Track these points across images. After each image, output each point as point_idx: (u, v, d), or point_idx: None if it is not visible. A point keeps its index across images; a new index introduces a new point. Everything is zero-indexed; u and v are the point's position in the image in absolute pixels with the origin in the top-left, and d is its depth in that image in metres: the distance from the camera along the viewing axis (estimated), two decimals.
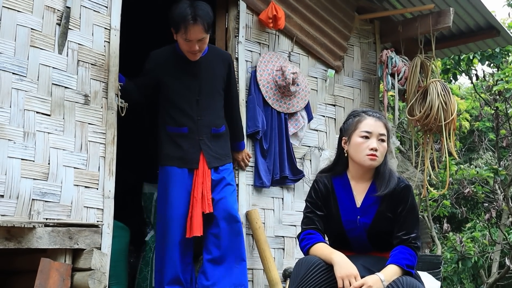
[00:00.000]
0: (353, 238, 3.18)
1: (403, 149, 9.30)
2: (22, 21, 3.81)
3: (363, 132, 3.18)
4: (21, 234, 3.50)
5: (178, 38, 4.28)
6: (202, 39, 4.26)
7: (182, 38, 4.22)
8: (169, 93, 4.40)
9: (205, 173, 4.34)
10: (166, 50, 4.48)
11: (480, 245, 10.14)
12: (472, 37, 6.45)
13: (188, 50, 4.29)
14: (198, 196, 4.28)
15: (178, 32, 4.23)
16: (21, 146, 3.73)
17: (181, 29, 4.17)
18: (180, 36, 4.23)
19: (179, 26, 4.18)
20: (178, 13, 4.18)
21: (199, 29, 4.18)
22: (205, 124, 4.41)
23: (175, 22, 4.22)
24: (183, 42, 4.25)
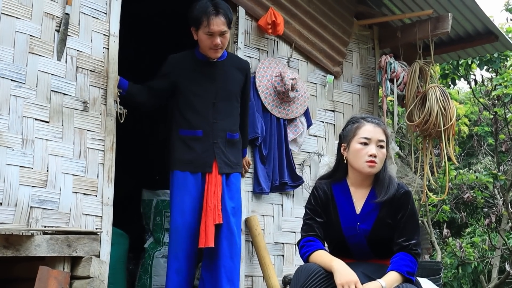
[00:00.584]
0: (353, 245, 3.17)
1: (403, 154, 9.30)
2: (21, 28, 3.80)
3: (362, 138, 3.17)
4: (19, 242, 3.48)
5: (199, 35, 4.24)
6: (224, 34, 4.22)
7: (204, 32, 4.18)
8: (186, 95, 4.33)
9: (217, 180, 4.25)
10: (184, 54, 4.44)
11: (480, 250, 10.12)
12: (470, 42, 6.45)
13: (210, 46, 4.23)
14: (211, 205, 4.18)
15: (199, 27, 4.20)
16: (20, 153, 3.71)
17: (203, 21, 4.16)
18: (202, 30, 4.19)
19: (201, 19, 4.16)
20: (199, 8, 4.18)
21: (221, 21, 4.17)
22: (220, 128, 4.33)
23: (196, 17, 4.19)
24: (205, 38, 4.21)
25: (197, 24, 4.20)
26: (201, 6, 4.17)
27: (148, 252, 5.31)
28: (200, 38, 4.24)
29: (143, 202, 5.51)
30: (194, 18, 4.20)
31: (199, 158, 4.25)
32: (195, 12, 4.19)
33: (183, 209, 4.21)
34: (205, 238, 4.13)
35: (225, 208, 4.24)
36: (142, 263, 5.34)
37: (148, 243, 5.39)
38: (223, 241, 4.21)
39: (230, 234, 4.24)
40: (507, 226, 9.65)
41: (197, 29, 4.22)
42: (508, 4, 9.67)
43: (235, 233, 4.28)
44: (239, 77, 4.47)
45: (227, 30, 4.24)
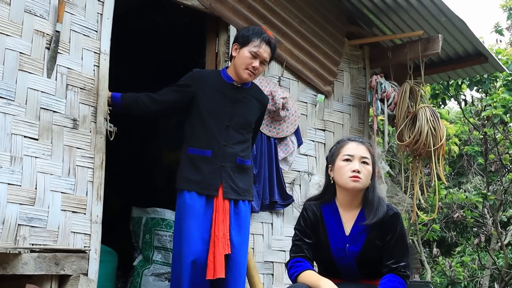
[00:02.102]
0: (342, 266, 3.16)
1: (393, 173, 9.31)
2: (11, 45, 3.80)
3: (345, 155, 3.20)
4: (6, 260, 3.45)
5: (242, 52, 4.19)
6: (264, 63, 4.25)
7: (250, 50, 4.16)
8: (202, 113, 4.18)
9: (225, 207, 4.09)
10: (210, 71, 4.49)
11: (469, 269, 10.14)
12: (460, 63, 6.49)
13: (247, 66, 4.18)
14: (219, 235, 4.01)
15: (247, 45, 4.18)
16: (8, 171, 3.69)
17: (254, 41, 4.17)
18: (249, 48, 4.17)
19: (252, 38, 4.18)
20: (254, 30, 4.24)
21: (268, 51, 4.22)
22: (230, 152, 4.19)
23: (247, 35, 4.20)
24: (248, 56, 4.17)
25: (245, 42, 4.18)
26: (257, 30, 4.24)
27: (137, 270, 5.28)
28: (242, 55, 4.19)
29: (133, 220, 5.48)
30: (244, 36, 4.20)
31: (206, 180, 4.09)
32: (248, 32, 4.22)
33: (189, 236, 4.00)
34: (214, 269, 3.94)
35: (231, 240, 4.07)
36: (131, 281, 5.31)
37: (137, 261, 5.36)
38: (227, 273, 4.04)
39: (235, 266, 4.08)
40: (496, 246, 9.67)
41: (243, 46, 4.19)
42: (497, 25, 9.75)
43: (241, 265, 4.12)
44: (257, 109, 4.39)
45: (267, 63, 4.32)
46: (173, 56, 7.20)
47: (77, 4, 4.19)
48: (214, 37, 5.20)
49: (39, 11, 3.98)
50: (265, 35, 4.20)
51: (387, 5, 5.82)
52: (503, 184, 9.45)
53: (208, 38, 5.23)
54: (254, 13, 5.29)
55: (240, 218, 4.17)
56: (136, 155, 7.48)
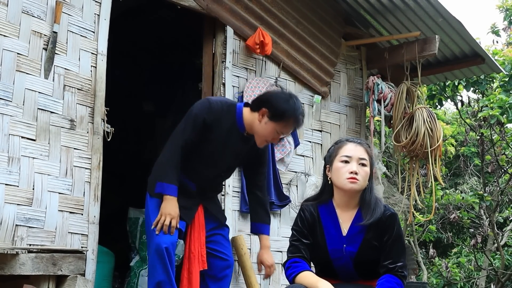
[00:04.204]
0: (339, 266, 3.17)
1: (390, 174, 9.33)
2: (8, 46, 3.81)
3: (343, 156, 3.20)
4: (3, 260, 3.46)
5: (269, 124, 3.78)
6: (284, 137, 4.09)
7: (278, 129, 3.80)
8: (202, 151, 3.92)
9: (200, 223, 3.98)
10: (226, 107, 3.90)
11: (466, 270, 10.15)
12: (457, 64, 6.51)
13: (267, 139, 3.86)
14: (195, 252, 3.91)
15: (277, 121, 3.77)
16: (5, 171, 3.70)
17: (284, 121, 3.77)
18: (277, 126, 3.78)
19: (285, 117, 3.75)
20: (291, 105, 3.76)
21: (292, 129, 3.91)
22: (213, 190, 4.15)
23: (282, 111, 3.74)
24: (272, 131, 3.80)
25: (278, 117, 3.76)
26: (293, 106, 3.77)
27: (134, 270, 5.27)
28: (268, 128, 3.79)
29: (129, 220, 5.48)
30: (279, 111, 3.75)
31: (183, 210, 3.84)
32: (284, 105, 3.75)
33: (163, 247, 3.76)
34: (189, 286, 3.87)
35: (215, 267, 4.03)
36: (127, 282, 5.31)
37: (134, 262, 5.36)
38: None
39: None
40: (493, 247, 9.69)
41: (273, 119, 3.76)
42: (494, 26, 9.77)
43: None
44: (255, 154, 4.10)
45: None
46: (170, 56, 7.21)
47: (74, 5, 4.20)
48: (211, 38, 5.21)
49: (37, 12, 3.99)
50: (300, 117, 3.80)
51: (384, 6, 5.83)
52: (499, 185, 9.47)
53: (205, 39, 5.24)
54: (251, 14, 5.30)
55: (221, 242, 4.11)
56: (133, 156, 7.48)
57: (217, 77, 5.12)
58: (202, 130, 3.82)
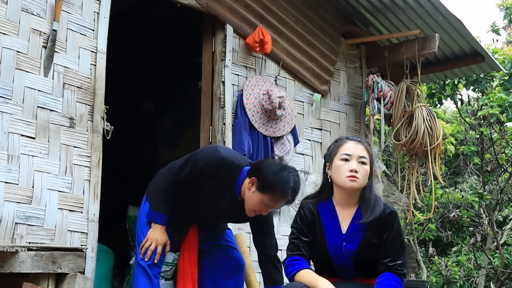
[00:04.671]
0: (338, 264, 3.17)
1: (389, 173, 9.32)
2: (8, 44, 3.80)
3: (343, 154, 3.20)
4: (3, 258, 3.46)
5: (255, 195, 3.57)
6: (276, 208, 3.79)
7: (264, 202, 3.56)
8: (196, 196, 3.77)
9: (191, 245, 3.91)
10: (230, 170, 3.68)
11: (465, 269, 10.15)
12: (457, 62, 6.51)
13: (255, 210, 3.65)
14: (188, 270, 3.87)
15: (264, 193, 3.52)
16: (5, 169, 3.70)
17: (273, 195, 3.52)
18: (263, 198, 3.55)
19: (272, 191, 3.50)
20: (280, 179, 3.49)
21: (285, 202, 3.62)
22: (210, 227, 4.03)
23: (270, 183, 3.50)
24: (259, 203, 3.58)
25: (265, 190, 3.52)
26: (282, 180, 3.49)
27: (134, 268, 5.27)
28: (254, 197, 3.57)
29: (129, 219, 5.48)
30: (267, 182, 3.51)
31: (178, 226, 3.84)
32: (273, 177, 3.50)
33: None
34: None
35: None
36: (127, 280, 5.31)
37: (134, 260, 5.36)
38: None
39: None
40: (492, 246, 9.68)
41: (260, 190, 3.53)
42: (494, 25, 9.76)
43: None
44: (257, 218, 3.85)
45: None
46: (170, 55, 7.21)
47: (73, 3, 4.20)
48: (211, 36, 5.21)
49: (36, 10, 3.99)
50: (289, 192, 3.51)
51: (384, 4, 5.83)
52: (499, 184, 9.47)
53: (205, 37, 5.23)
54: (250, 12, 5.30)
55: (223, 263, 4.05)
56: (133, 154, 7.48)
57: (217, 76, 5.11)
58: (199, 178, 3.65)
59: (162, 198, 3.72)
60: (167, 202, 3.72)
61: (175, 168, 3.72)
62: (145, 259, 3.69)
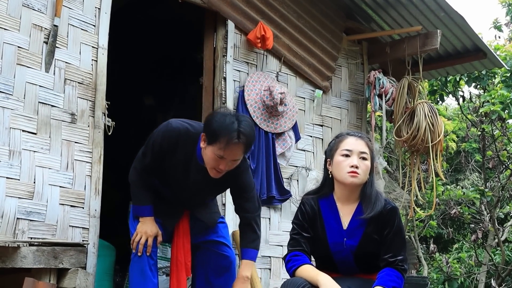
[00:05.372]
0: (339, 260, 3.17)
1: (390, 169, 9.32)
2: (9, 39, 3.80)
3: (344, 150, 3.20)
4: (5, 253, 3.46)
5: (208, 150, 3.43)
6: (236, 160, 3.49)
7: (216, 153, 3.39)
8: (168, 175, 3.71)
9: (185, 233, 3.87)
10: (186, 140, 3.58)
11: (466, 266, 10.15)
12: (459, 59, 6.50)
13: (214, 167, 3.47)
14: (182, 259, 3.82)
15: (212, 144, 3.39)
16: (6, 165, 3.70)
17: (220, 143, 3.35)
18: (214, 150, 3.39)
19: (218, 138, 3.35)
20: (222, 124, 3.35)
21: (239, 150, 3.41)
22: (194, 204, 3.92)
23: (214, 132, 3.37)
24: (213, 158, 3.42)
25: (211, 140, 3.39)
26: (226, 125, 3.36)
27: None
28: (207, 154, 3.45)
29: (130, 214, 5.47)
30: (211, 132, 3.39)
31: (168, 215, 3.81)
32: (215, 126, 3.38)
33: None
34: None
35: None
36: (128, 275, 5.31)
37: None
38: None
39: None
40: (493, 242, 9.68)
41: (208, 143, 3.42)
42: (496, 21, 9.75)
43: None
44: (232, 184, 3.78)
45: (241, 158, 3.53)
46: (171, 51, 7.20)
47: None
48: (212, 32, 5.21)
49: (37, 5, 3.99)
50: (233, 134, 3.33)
51: (386, 0, 5.82)
52: (500, 181, 9.46)
53: (206, 33, 5.23)
54: (252, 8, 5.30)
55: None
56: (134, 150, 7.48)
57: (218, 71, 5.11)
58: (161, 156, 3.59)
59: (141, 190, 3.71)
60: (147, 193, 3.71)
61: (139, 157, 3.71)
62: (138, 254, 3.68)
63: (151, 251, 3.71)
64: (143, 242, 3.68)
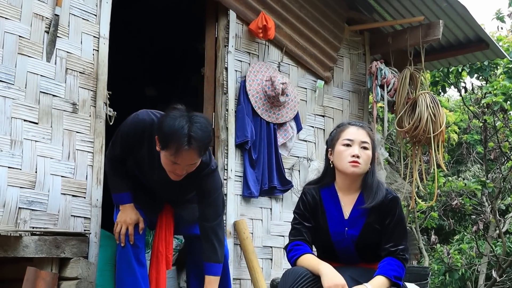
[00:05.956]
0: (340, 249, 3.17)
1: (392, 160, 9.32)
2: (10, 29, 3.79)
3: (345, 140, 3.19)
4: (7, 242, 3.47)
5: (162, 154, 3.31)
6: (193, 164, 3.35)
7: (169, 159, 3.27)
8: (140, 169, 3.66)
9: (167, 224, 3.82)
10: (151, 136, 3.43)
11: (467, 257, 10.17)
12: (461, 49, 6.48)
13: (171, 171, 3.35)
14: (162, 250, 3.79)
15: (164, 150, 3.26)
16: (8, 154, 3.70)
17: (170, 149, 3.21)
18: (166, 155, 3.27)
19: (168, 145, 3.21)
20: (172, 129, 3.18)
21: (192, 155, 3.25)
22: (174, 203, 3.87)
23: (164, 137, 3.22)
24: (167, 162, 3.30)
25: (163, 146, 3.25)
26: (175, 129, 3.18)
27: None
28: (162, 158, 3.32)
29: None
30: (162, 136, 3.24)
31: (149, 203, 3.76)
32: (165, 131, 3.20)
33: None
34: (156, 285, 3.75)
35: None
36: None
37: None
38: None
39: None
40: (494, 234, 9.70)
41: (162, 149, 3.28)
42: (499, 12, 9.72)
43: None
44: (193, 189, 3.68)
45: (198, 160, 3.35)
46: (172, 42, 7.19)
47: None
48: (214, 22, 5.19)
49: None
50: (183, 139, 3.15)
51: None
52: (502, 172, 9.46)
53: (208, 23, 5.22)
54: None
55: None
56: None
57: (220, 62, 5.10)
58: (130, 147, 3.53)
59: (116, 178, 3.69)
60: (123, 180, 3.68)
61: (110, 146, 3.67)
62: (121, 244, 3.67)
63: (135, 238, 3.66)
64: (124, 232, 3.65)
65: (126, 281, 3.68)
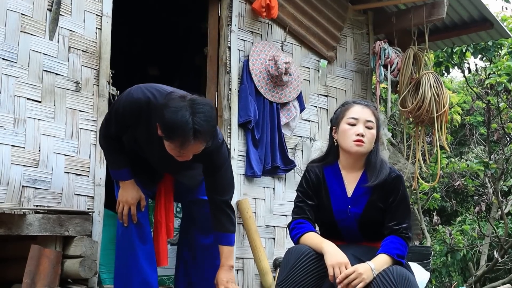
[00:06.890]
0: (343, 227, 3.17)
1: (395, 141, 9.31)
2: (13, 6, 3.78)
3: (350, 118, 3.18)
4: (11, 220, 3.48)
5: (166, 143, 3.21)
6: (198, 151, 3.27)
7: (174, 149, 3.19)
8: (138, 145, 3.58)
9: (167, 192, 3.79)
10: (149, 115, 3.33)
11: (469, 238, 10.18)
12: (465, 29, 6.45)
13: (176, 156, 3.26)
14: (162, 220, 3.76)
15: (169, 141, 3.17)
16: (11, 133, 3.71)
17: (176, 141, 3.13)
18: (171, 146, 3.18)
19: (173, 137, 3.12)
20: (175, 122, 3.06)
21: (199, 145, 3.18)
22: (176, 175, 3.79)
23: (167, 128, 3.12)
24: (171, 149, 3.21)
25: (167, 137, 3.16)
26: (179, 122, 3.06)
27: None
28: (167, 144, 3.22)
29: None
30: (165, 127, 3.13)
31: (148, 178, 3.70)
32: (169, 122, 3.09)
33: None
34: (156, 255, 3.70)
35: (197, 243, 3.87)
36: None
37: None
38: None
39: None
40: (496, 215, 9.70)
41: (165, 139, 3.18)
42: None
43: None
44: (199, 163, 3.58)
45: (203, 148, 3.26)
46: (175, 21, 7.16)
47: None
48: (217, 1, 5.18)
49: None
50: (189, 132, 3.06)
51: None
52: (504, 153, 9.44)
53: (211, 2, 5.19)
54: None
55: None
56: None
57: (223, 41, 5.08)
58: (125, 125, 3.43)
59: (113, 155, 3.57)
60: (120, 156, 3.55)
61: (103, 123, 3.55)
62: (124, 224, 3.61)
63: (138, 216, 3.60)
64: (126, 213, 3.58)
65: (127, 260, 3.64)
